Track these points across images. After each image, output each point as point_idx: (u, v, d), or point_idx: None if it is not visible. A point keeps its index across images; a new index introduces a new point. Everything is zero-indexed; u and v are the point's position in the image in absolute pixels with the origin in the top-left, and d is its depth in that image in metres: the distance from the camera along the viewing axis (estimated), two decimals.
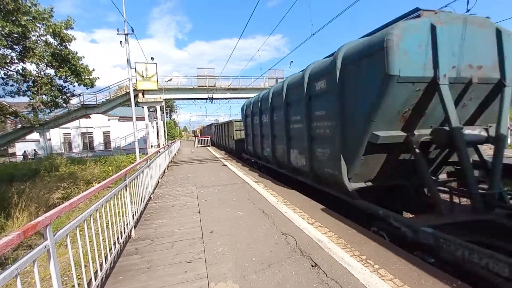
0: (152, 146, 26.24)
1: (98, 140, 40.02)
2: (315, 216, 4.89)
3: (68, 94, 17.39)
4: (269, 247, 3.73)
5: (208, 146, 32.61)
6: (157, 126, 30.50)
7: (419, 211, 5.14)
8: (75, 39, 15.32)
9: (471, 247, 2.87)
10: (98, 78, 16.99)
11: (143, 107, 27.31)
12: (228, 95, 31.65)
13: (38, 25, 13.63)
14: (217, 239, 4.10)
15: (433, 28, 3.85)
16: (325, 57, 6.43)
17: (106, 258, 3.11)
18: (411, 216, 5.36)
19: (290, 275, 3.00)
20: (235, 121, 18.73)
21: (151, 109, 29.89)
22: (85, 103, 27.11)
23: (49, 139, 36.82)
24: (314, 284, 2.81)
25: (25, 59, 13.85)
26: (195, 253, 3.66)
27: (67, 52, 15.27)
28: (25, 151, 34.69)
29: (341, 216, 4.79)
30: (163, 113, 33.16)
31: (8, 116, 16.06)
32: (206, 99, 31.57)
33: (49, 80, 15.47)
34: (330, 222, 4.54)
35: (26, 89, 15.45)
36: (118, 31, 14.89)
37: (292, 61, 36.14)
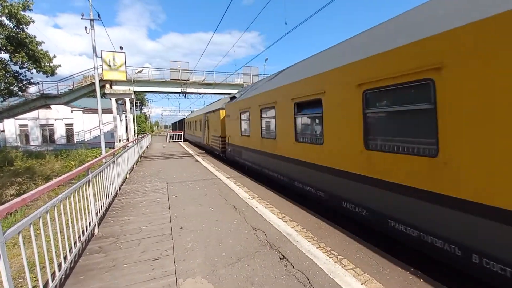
0: (120, 140, 25.02)
1: (59, 133, 37.17)
2: (285, 211, 5.01)
3: (25, 82, 15.96)
4: (239, 241, 3.76)
5: (181, 141, 31.84)
6: (126, 119, 29.12)
7: None
8: (33, 21, 14.05)
9: None
10: (60, 65, 15.81)
11: (110, 99, 25.84)
12: (202, 90, 31.04)
13: None
14: (187, 235, 4.05)
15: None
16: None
17: (65, 257, 2.93)
18: None
19: (259, 268, 3.06)
20: None
21: (119, 102, 28.45)
22: (45, 93, 24.93)
23: (3, 131, 33.65)
24: (282, 276, 2.89)
25: None
26: (164, 249, 3.58)
27: (24, 36, 13.98)
28: None
29: (310, 211, 4.96)
30: (133, 106, 31.69)
31: None
32: (179, 93, 30.71)
33: (3, 66, 14.05)
34: (299, 216, 4.68)
35: None
36: (82, 15, 13.88)
37: (266, 59, 36.36)
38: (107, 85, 25.25)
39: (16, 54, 13.96)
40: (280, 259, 3.26)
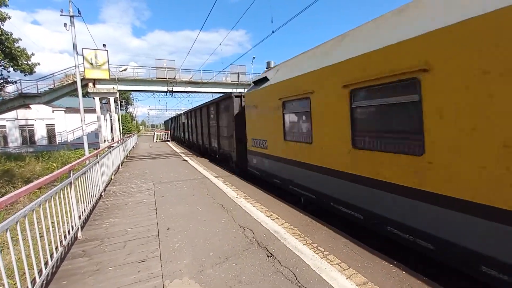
0: (105, 140, 24.35)
1: (40, 133, 35.77)
2: (273, 209, 5.04)
3: (1, 81, 15.25)
4: (227, 240, 3.76)
5: (168, 141, 31.37)
6: (110, 119, 28.35)
7: None
8: (9, 18, 13.43)
9: None
10: (39, 64, 15.21)
11: (94, 98, 25.08)
12: (189, 88, 30.61)
13: None
14: (174, 235, 4.00)
15: None
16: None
17: (46, 263, 2.84)
18: None
19: (247, 266, 3.07)
20: None
21: (103, 101, 27.67)
22: (23, 92, 23.84)
23: None
24: (269, 273, 2.91)
25: None
26: (150, 251, 3.53)
27: (0, 33, 13.34)
28: None
29: (298, 208, 5.02)
30: (118, 105, 30.91)
31: None
32: (166, 92, 30.17)
33: None
34: (287, 214, 4.72)
35: None
36: (62, 12, 13.37)
37: (254, 57, 36.33)
38: (90, 84, 24.48)
39: None
40: (268, 256, 3.28)
